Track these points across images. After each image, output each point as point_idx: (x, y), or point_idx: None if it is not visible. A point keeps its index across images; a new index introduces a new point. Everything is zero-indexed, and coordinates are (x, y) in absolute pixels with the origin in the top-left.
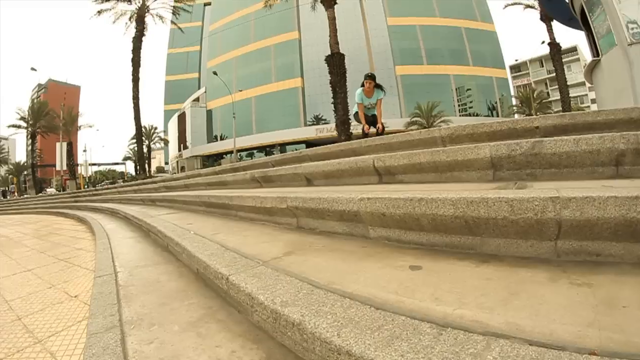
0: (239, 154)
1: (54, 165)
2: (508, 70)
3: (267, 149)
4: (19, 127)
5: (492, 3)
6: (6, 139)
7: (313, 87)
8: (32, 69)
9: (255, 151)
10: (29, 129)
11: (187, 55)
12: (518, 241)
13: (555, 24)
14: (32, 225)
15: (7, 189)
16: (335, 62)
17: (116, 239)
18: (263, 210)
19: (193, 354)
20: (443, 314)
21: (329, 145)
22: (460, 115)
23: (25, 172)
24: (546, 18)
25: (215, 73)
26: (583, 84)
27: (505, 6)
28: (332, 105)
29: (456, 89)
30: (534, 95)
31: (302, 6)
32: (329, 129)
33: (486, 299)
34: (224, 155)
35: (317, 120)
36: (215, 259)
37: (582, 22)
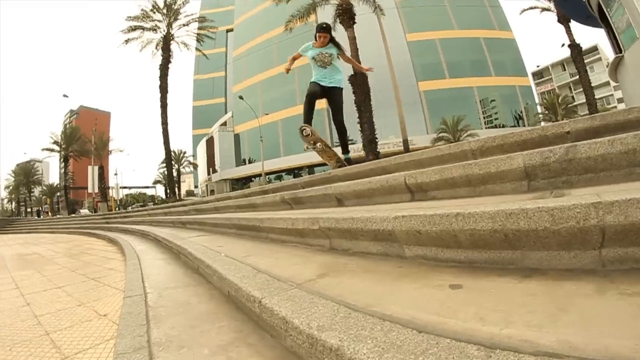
0: (267, 176)
1: (86, 188)
2: (530, 77)
3: (295, 171)
4: (52, 150)
5: (508, 10)
6: (40, 161)
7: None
8: (64, 95)
9: (284, 174)
10: (62, 153)
11: (213, 80)
12: (560, 252)
13: (573, 24)
14: (64, 245)
15: (40, 208)
16: (359, 81)
17: (146, 260)
18: (294, 232)
19: None
20: (490, 335)
21: (357, 165)
22: (486, 128)
23: (58, 194)
24: (564, 19)
25: (241, 97)
26: (607, 84)
27: (522, 11)
28: (358, 125)
29: (480, 101)
30: (559, 101)
31: None
32: (356, 149)
33: (533, 316)
34: (253, 179)
35: None
36: (247, 281)
37: (600, 19)
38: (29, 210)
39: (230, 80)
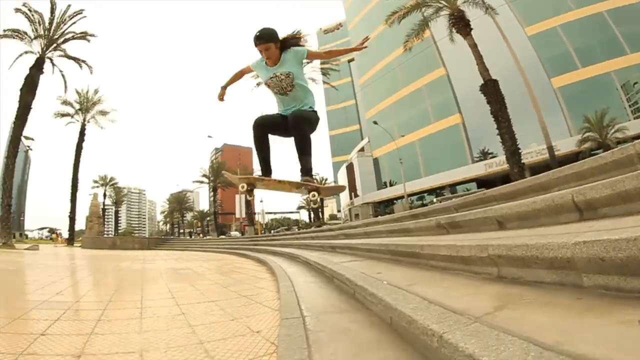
0: (409, 198)
1: (234, 213)
2: None
3: (437, 191)
4: (202, 182)
5: None
6: (191, 191)
7: (473, 121)
8: (209, 136)
9: (425, 194)
10: (210, 184)
11: (345, 109)
12: None
13: None
14: (215, 262)
15: (192, 230)
16: (490, 89)
17: (298, 282)
18: (458, 260)
19: None
20: None
21: (514, 183)
22: (634, 118)
23: (208, 218)
24: None
25: (375, 122)
26: None
27: None
28: (497, 136)
29: (622, 87)
30: None
31: (440, 41)
32: (498, 163)
33: None
34: (395, 201)
35: (484, 154)
36: (420, 313)
37: None
38: (181, 231)
39: (362, 107)
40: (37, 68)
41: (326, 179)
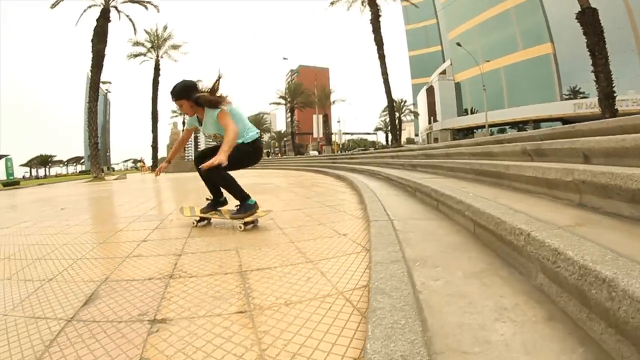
0: (490, 129)
1: (311, 133)
2: None
3: (519, 125)
4: (278, 104)
5: None
6: (268, 113)
7: (566, 53)
8: (284, 58)
9: (507, 127)
10: (287, 105)
11: (425, 29)
12: None
13: None
14: (295, 179)
15: (270, 150)
16: (589, 19)
17: (381, 195)
18: (543, 182)
19: (479, 298)
20: None
21: (605, 120)
22: None
23: (285, 139)
24: None
25: (458, 44)
26: None
27: None
28: (592, 74)
29: None
30: None
31: None
32: (589, 105)
33: None
34: (475, 130)
35: (574, 93)
36: (508, 217)
37: None
38: None
39: (444, 26)
40: (103, 18)
41: (405, 101)
